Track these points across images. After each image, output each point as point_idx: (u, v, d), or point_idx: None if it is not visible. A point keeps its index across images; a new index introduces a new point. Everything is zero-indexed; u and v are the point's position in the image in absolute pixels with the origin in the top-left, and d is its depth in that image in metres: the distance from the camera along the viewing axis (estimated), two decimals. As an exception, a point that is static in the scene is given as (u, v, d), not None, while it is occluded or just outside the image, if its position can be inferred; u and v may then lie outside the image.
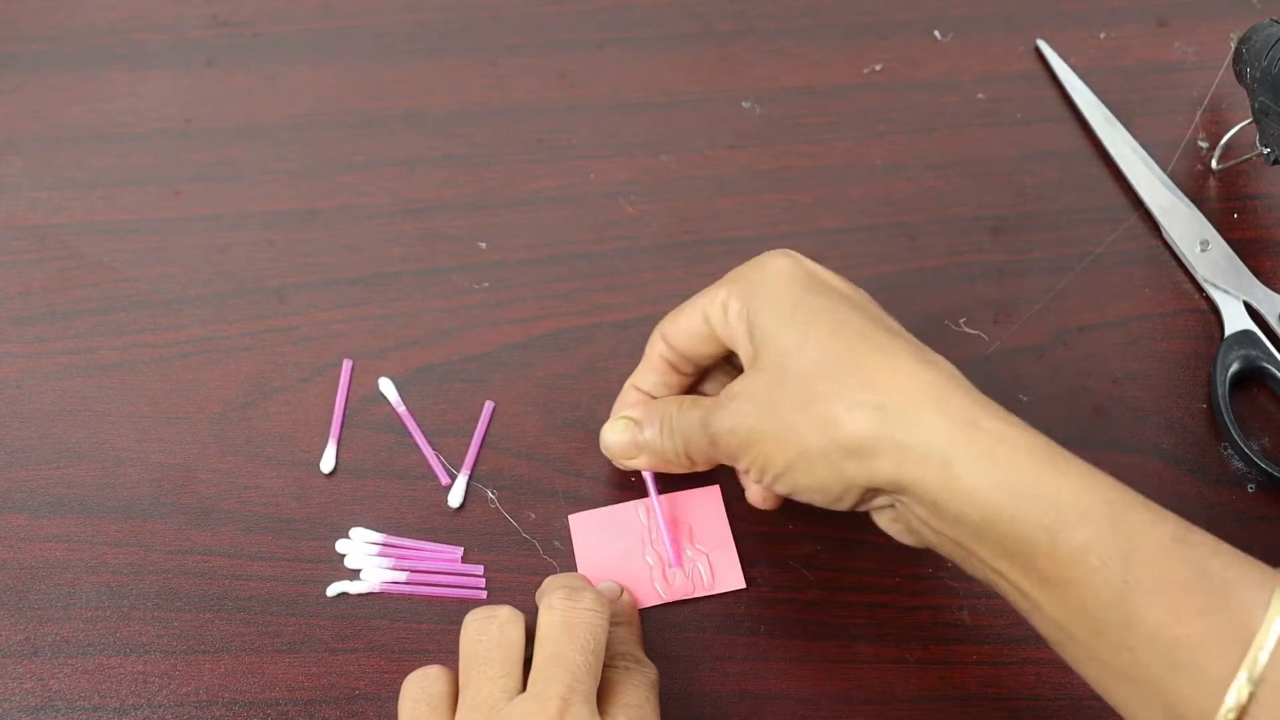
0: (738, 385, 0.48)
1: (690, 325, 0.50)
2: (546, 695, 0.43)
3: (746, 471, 0.48)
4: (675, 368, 0.52)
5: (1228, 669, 0.38)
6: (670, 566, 0.53)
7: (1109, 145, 0.64)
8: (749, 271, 0.49)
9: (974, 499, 0.42)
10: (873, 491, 0.45)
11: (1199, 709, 0.38)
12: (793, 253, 0.49)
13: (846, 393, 0.44)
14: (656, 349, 0.52)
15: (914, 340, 0.46)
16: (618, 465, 0.53)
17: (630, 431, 0.52)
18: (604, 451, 0.53)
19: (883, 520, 0.47)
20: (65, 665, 0.51)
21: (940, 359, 0.45)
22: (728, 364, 0.52)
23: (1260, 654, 0.37)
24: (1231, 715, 0.38)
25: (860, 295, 0.48)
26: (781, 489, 0.47)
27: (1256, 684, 0.37)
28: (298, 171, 0.64)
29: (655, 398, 0.52)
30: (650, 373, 0.52)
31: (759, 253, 0.61)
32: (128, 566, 0.53)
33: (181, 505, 0.54)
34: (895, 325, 0.47)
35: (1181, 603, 0.39)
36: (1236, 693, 0.38)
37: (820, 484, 0.45)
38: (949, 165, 0.64)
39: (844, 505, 0.46)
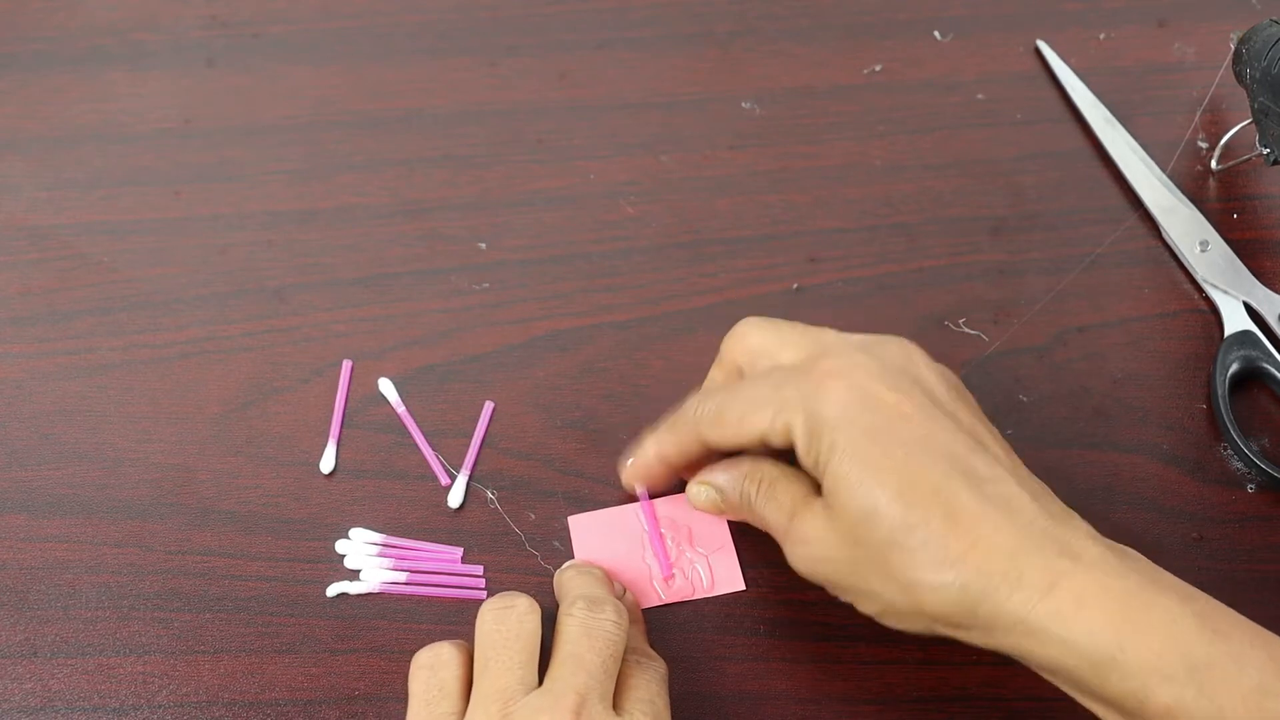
0: (813, 528, 0.46)
1: (738, 439, 0.48)
2: (563, 691, 0.43)
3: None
4: (708, 453, 0.50)
5: None
6: (660, 580, 0.53)
7: (1109, 145, 0.64)
8: (806, 401, 0.46)
9: (1061, 663, 0.42)
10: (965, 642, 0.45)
11: None
12: (847, 370, 0.46)
13: (927, 568, 0.43)
14: (692, 442, 0.49)
15: (991, 465, 0.44)
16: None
17: (715, 498, 0.51)
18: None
19: None
20: (65, 665, 0.51)
21: (1017, 494, 0.44)
22: None
23: None
24: None
25: (923, 409, 0.45)
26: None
27: None
28: (298, 171, 0.64)
29: (677, 468, 0.51)
30: (682, 456, 0.51)
31: (759, 252, 0.61)
32: (128, 567, 0.53)
33: (181, 505, 0.54)
34: (965, 451, 0.44)
35: None
36: None
37: (909, 629, 0.46)
38: (949, 165, 0.64)
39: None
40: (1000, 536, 0.42)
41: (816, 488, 0.47)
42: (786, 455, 0.48)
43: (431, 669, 0.46)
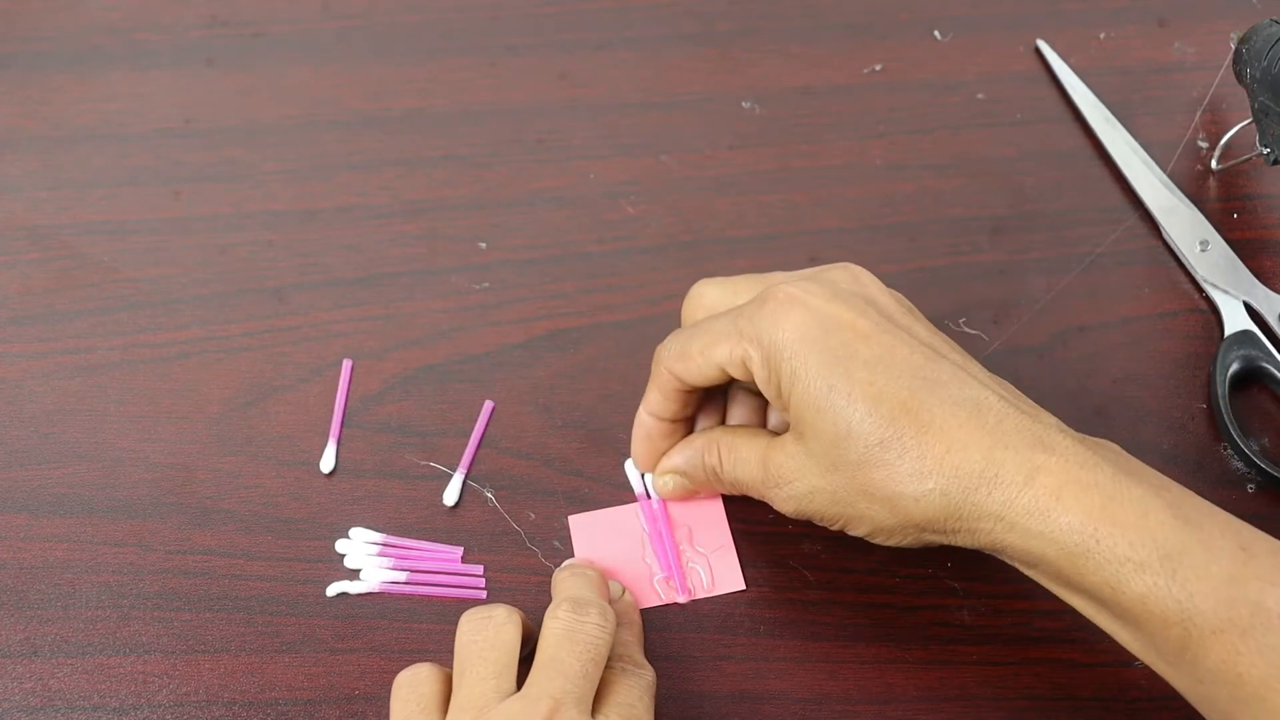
0: (786, 465, 0.47)
1: (703, 371, 0.49)
2: (538, 696, 0.43)
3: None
4: (689, 392, 0.51)
5: None
6: (661, 579, 0.53)
7: (1109, 145, 0.64)
8: (762, 330, 0.46)
9: (1041, 555, 0.43)
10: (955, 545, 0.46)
11: None
12: (799, 295, 0.46)
13: (906, 481, 0.44)
14: (666, 381, 0.50)
15: (954, 371, 0.45)
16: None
17: (681, 484, 0.52)
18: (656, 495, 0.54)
19: None
20: (65, 665, 0.51)
21: (984, 393, 0.45)
22: None
23: None
24: None
25: (878, 325, 0.46)
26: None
27: None
28: (298, 171, 0.64)
29: (675, 421, 0.52)
30: (665, 401, 0.51)
31: (759, 252, 0.61)
32: (128, 566, 0.53)
33: (181, 505, 0.54)
34: (924, 363, 0.45)
35: (1238, 643, 0.39)
36: None
37: (902, 544, 0.47)
38: (949, 165, 0.64)
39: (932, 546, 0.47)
40: (973, 438, 0.43)
41: (777, 433, 0.48)
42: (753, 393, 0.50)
43: (411, 686, 0.46)
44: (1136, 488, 0.42)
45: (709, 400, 0.53)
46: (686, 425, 0.53)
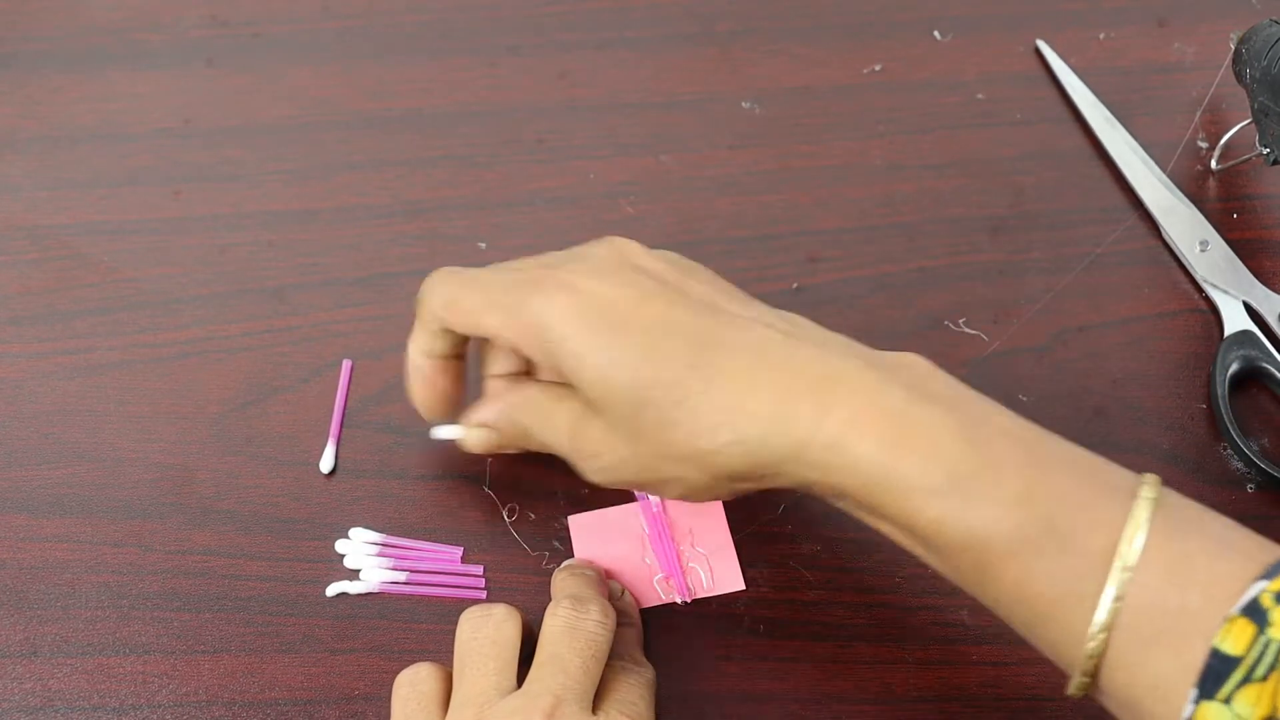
0: (594, 436, 0.46)
1: (473, 330, 0.48)
2: (539, 693, 0.43)
3: None
4: (459, 335, 0.50)
5: (1081, 618, 0.39)
6: (661, 579, 0.53)
7: (1109, 145, 0.64)
8: (531, 321, 0.46)
9: (843, 488, 0.42)
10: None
11: (1070, 655, 0.40)
12: (564, 280, 0.46)
13: (705, 437, 0.43)
14: (433, 324, 0.49)
15: (733, 318, 0.45)
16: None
17: (491, 437, 0.51)
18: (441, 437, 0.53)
19: None
20: (65, 665, 0.51)
21: (769, 337, 0.44)
22: None
23: (1097, 614, 0.39)
24: (1092, 662, 0.39)
25: (648, 293, 0.45)
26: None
27: (1108, 629, 0.39)
28: (298, 171, 0.64)
29: (450, 358, 0.51)
30: (435, 341, 0.50)
31: (759, 252, 0.61)
32: (128, 566, 0.53)
33: (181, 505, 0.54)
34: (700, 311, 0.45)
35: (1031, 563, 0.40)
36: (1091, 643, 0.39)
37: (720, 497, 0.47)
38: (949, 165, 0.64)
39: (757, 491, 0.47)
40: (760, 381, 0.43)
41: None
42: None
43: (411, 684, 0.46)
44: (927, 410, 0.42)
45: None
46: (462, 360, 0.52)
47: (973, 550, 0.41)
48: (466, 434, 0.52)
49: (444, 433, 0.53)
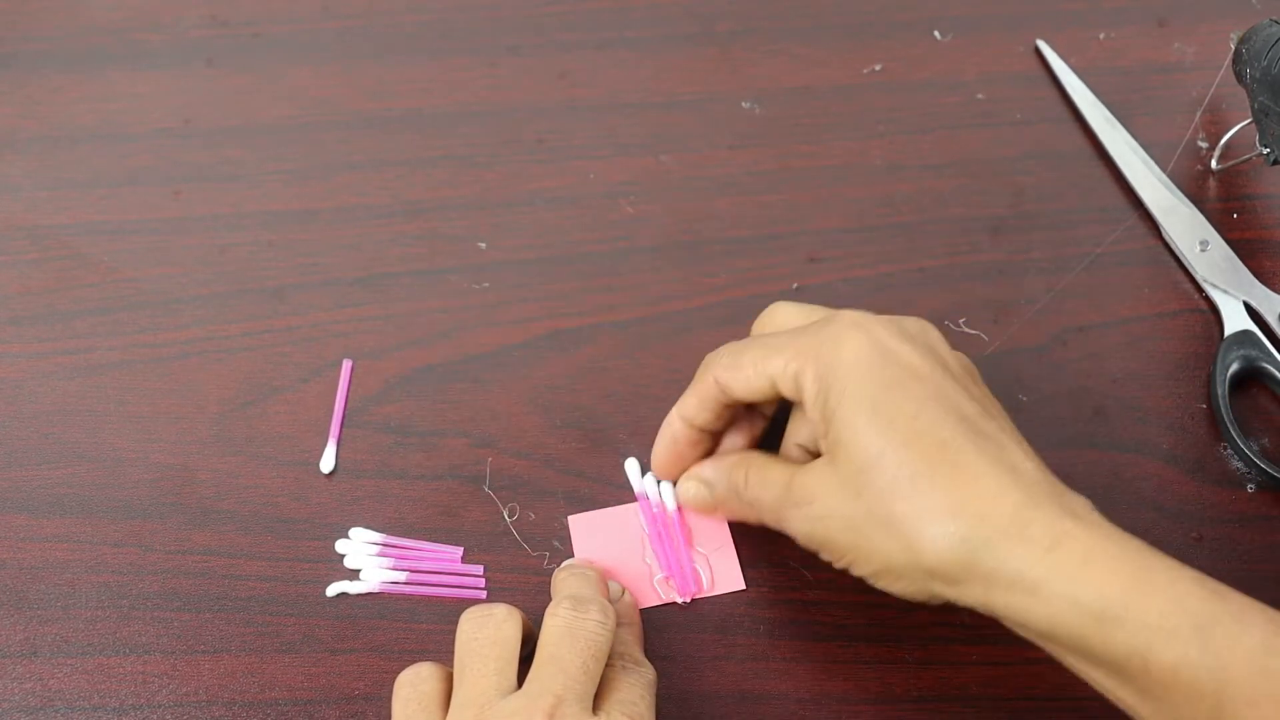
0: (812, 486, 0.46)
1: (752, 383, 0.48)
2: (539, 693, 0.43)
3: (825, 559, 0.48)
4: (728, 406, 0.50)
5: None
6: (661, 579, 0.53)
7: (1109, 145, 0.64)
8: (824, 349, 0.46)
9: (1063, 622, 0.42)
10: (960, 604, 0.45)
11: None
12: (865, 322, 0.47)
13: (928, 517, 0.43)
14: (709, 389, 0.50)
15: (993, 431, 0.45)
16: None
17: (704, 492, 0.52)
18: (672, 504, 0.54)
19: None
20: (65, 665, 0.51)
21: (1023, 460, 0.44)
22: None
23: None
24: None
25: (935, 369, 0.46)
26: (867, 581, 0.47)
27: None
28: (298, 171, 0.64)
29: (705, 431, 0.51)
30: (702, 410, 0.51)
31: (759, 252, 0.61)
32: (128, 566, 0.53)
33: (181, 505, 0.54)
34: (974, 411, 0.45)
35: (1273, 713, 0.39)
36: None
37: (904, 592, 0.46)
38: (949, 165, 0.64)
39: (930, 604, 0.46)
40: (1005, 492, 0.43)
41: (806, 462, 0.48)
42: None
43: (412, 685, 0.46)
44: (1163, 560, 0.41)
45: (737, 425, 0.53)
46: (713, 441, 0.52)
47: (1211, 698, 0.39)
48: (684, 485, 0.52)
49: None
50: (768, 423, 0.53)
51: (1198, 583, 0.41)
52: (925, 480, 0.43)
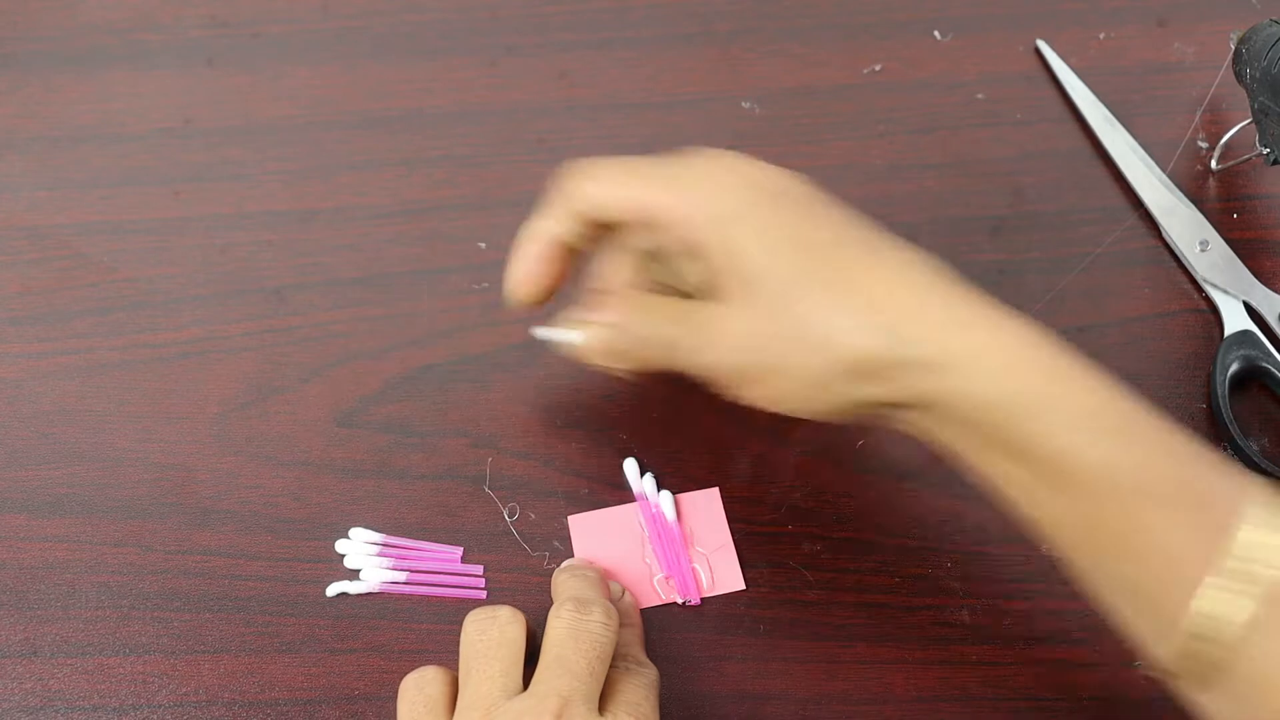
0: (714, 319, 0.45)
1: (625, 205, 0.47)
2: (546, 694, 0.43)
3: (733, 396, 0.46)
4: (591, 221, 0.48)
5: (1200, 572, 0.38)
6: (661, 578, 0.53)
7: (1109, 145, 0.64)
8: (696, 181, 0.46)
9: (987, 410, 0.41)
10: (879, 407, 0.44)
11: (1174, 618, 0.39)
12: (727, 155, 0.46)
13: (844, 312, 0.42)
14: (575, 205, 0.48)
15: (888, 235, 0.45)
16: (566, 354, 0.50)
17: (611, 337, 0.48)
18: (556, 348, 0.50)
19: (887, 424, 0.46)
20: (65, 665, 0.51)
21: (916, 256, 0.44)
22: None
23: (1228, 561, 0.38)
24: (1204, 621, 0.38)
25: (809, 189, 0.46)
26: (778, 410, 0.45)
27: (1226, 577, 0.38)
28: (298, 171, 0.64)
29: (572, 249, 0.49)
30: (569, 219, 0.48)
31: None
32: (128, 566, 0.53)
33: (181, 505, 0.54)
34: (858, 220, 0.45)
35: (1160, 513, 0.39)
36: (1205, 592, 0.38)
37: (825, 408, 0.44)
38: (949, 165, 0.64)
39: (846, 421, 0.45)
40: (920, 280, 0.43)
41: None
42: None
43: (418, 687, 0.46)
44: (1078, 358, 0.42)
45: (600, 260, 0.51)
46: (576, 256, 0.50)
47: (1102, 487, 0.39)
48: (584, 333, 0.48)
49: (550, 333, 0.50)
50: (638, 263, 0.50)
51: (1115, 385, 0.41)
52: (833, 281, 0.43)
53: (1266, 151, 0.58)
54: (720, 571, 0.53)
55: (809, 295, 0.43)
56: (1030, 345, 0.42)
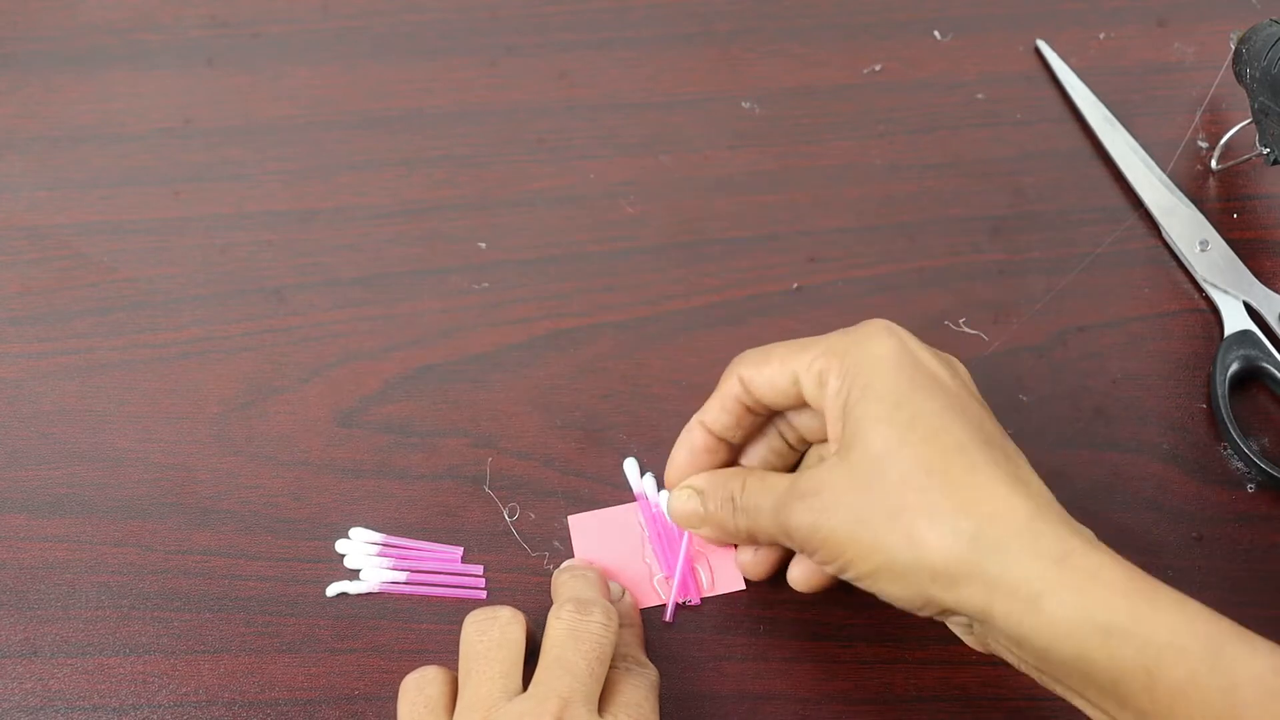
0: (821, 478, 0.45)
1: (777, 381, 0.48)
2: (546, 695, 0.43)
3: (819, 563, 0.46)
4: (750, 410, 0.50)
5: None
6: (661, 578, 0.53)
7: (1109, 145, 0.64)
8: (853, 348, 0.46)
9: (1066, 636, 0.41)
10: (955, 612, 0.44)
11: None
12: (897, 330, 0.47)
13: (938, 513, 0.42)
14: (732, 390, 0.49)
15: (1010, 450, 0.45)
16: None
17: (693, 503, 0.50)
18: (668, 515, 0.52)
19: (960, 632, 0.46)
20: (65, 665, 0.51)
21: (1034, 479, 0.44)
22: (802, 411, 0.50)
23: None
24: None
25: (959, 386, 0.46)
26: (857, 584, 0.46)
27: None
28: (298, 171, 0.64)
29: (724, 440, 0.50)
30: (722, 413, 0.50)
31: (759, 252, 0.61)
32: (128, 566, 0.53)
33: (181, 505, 0.54)
34: (993, 429, 0.45)
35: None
36: None
37: (900, 595, 0.44)
38: (949, 165, 0.64)
39: (921, 615, 0.45)
40: (1018, 501, 0.42)
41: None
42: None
43: (418, 687, 0.46)
44: (1168, 587, 0.41)
45: (755, 444, 0.52)
46: (731, 454, 0.51)
47: (1217, 718, 0.39)
48: (676, 492, 0.51)
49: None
50: (788, 455, 0.52)
51: (1203, 607, 0.41)
52: (940, 476, 0.43)
53: (1266, 151, 0.58)
54: (720, 571, 0.53)
55: (919, 484, 0.43)
56: (1112, 579, 0.41)
